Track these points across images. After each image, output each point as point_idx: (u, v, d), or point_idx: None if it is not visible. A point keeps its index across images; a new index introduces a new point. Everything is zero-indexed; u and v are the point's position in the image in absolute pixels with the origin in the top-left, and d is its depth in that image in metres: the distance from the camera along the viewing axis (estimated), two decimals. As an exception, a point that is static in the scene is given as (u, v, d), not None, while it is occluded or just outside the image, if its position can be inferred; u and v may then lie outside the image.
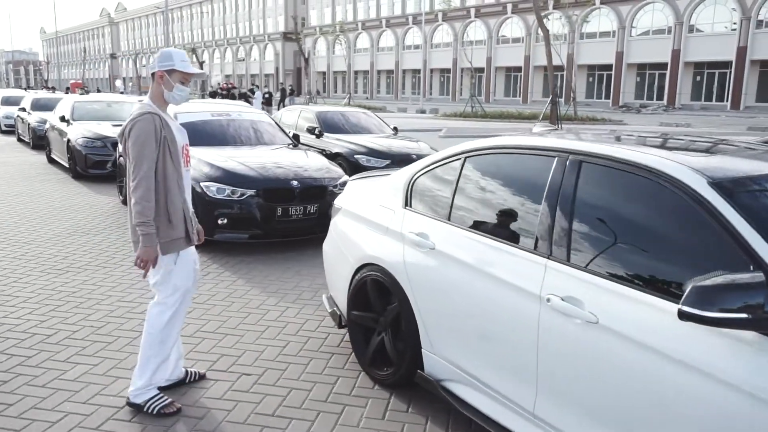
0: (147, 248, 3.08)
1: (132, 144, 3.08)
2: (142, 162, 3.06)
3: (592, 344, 2.37)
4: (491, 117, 29.07)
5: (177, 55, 3.23)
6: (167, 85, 3.21)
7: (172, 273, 3.24)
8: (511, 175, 3.05)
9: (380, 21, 66.73)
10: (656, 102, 46.32)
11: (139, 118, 3.10)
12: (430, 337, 3.26)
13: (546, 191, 2.77)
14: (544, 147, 2.90)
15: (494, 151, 3.17)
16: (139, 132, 3.08)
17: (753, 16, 40.76)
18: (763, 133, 22.66)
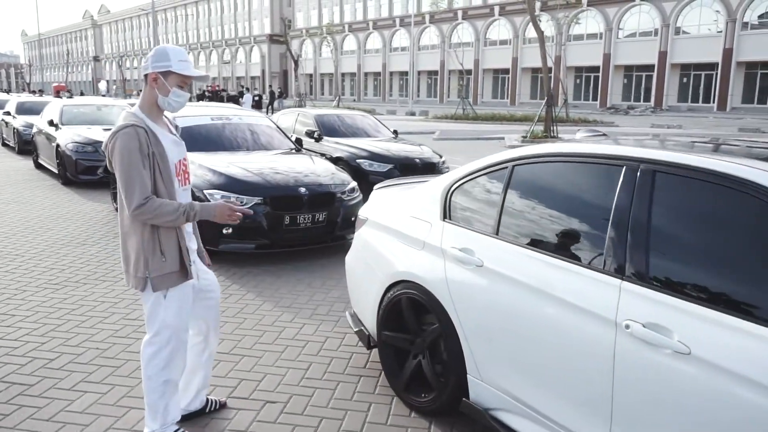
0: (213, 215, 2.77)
1: (116, 165, 2.62)
2: (133, 186, 2.59)
3: (684, 377, 2.11)
4: (483, 119, 28.91)
5: (174, 53, 2.72)
6: (162, 89, 2.71)
7: (160, 308, 2.77)
8: (570, 185, 2.79)
9: (367, 23, 66.49)
10: (643, 103, 46.52)
11: (120, 132, 2.61)
12: (477, 363, 2.98)
13: (614, 204, 2.51)
14: (608, 155, 2.63)
15: (547, 159, 2.91)
16: (121, 150, 2.59)
17: (738, 18, 41.07)
18: (749, 134, 22.70)
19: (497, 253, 2.91)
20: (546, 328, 2.61)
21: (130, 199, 2.60)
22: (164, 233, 2.72)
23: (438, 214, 3.34)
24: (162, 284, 2.73)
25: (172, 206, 2.66)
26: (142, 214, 2.62)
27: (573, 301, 2.51)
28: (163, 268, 2.72)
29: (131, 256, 2.75)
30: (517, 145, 18.60)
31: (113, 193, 9.01)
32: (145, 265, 2.70)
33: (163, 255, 2.71)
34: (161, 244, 2.72)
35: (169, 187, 2.73)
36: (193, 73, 2.78)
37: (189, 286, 2.85)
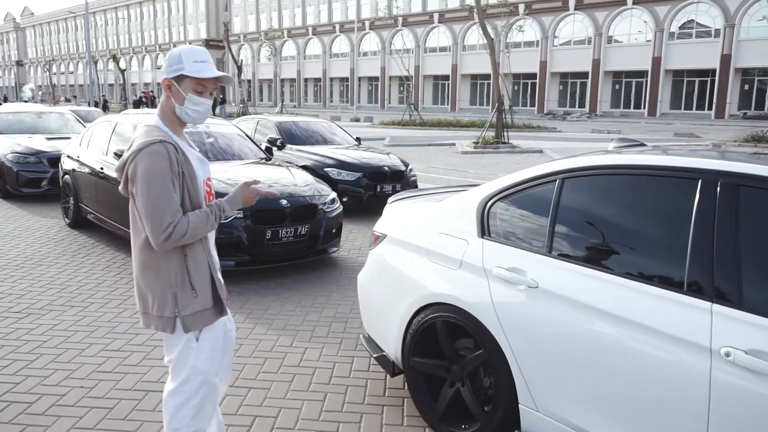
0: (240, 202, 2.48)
1: (141, 189, 2.20)
2: (162, 216, 2.18)
3: (802, 409, 1.95)
4: (429, 125, 28.99)
5: (188, 54, 2.32)
6: (177, 97, 2.32)
7: (191, 352, 2.38)
8: (634, 200, 2.61)
9: (306, 29, 65.94)
10: (579, 109, 47.94)
11: (146, 149, 2.21)
12: (532, 392, 2.76)
13: (694, 220, 2.34)
14: (680, 168, 2.47)
15: (603, 172, 2.72)
16: (148, 171, 2.19)
17: (665, 27, 42.93)
18: (686, 138, 23.62)
19: (555, 273, 2.70)
20: (621, 355, 2.41)
21: (157, 230, 2.20)
22: (194, 264, 2.35)
23: (475, 230, 3.11)
24: (195, 324, 2.35)
25: (200, 216, 2.29)
26: (174, 242, 2.23)
27: (655, 326, 2.32)
28: (195, 304, 2.34)
29: (153, 292, 2.34)
30: (470, 151, 18.67)
31: (65, 207, 8.36)
32: (173, 302, 2.32)
33: (194, 290, 2.34)
34: (191, 277, 2.34)
35: (196, 204, 2.35)
36: (210, 75, 2.33)
37: (222, 324, 2.48)
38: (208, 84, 2.35)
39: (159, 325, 2.36)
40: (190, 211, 2.30)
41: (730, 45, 40.20)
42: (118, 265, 6.36)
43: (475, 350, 3.05)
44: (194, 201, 2.34)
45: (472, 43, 53.54)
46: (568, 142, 21.77)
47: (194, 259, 2.35)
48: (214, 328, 2.43)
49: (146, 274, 2.36)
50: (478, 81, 54.24)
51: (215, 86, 2.41)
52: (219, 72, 2.36)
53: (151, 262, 2.34)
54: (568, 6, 47.40)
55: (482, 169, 14.93)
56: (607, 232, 2.65)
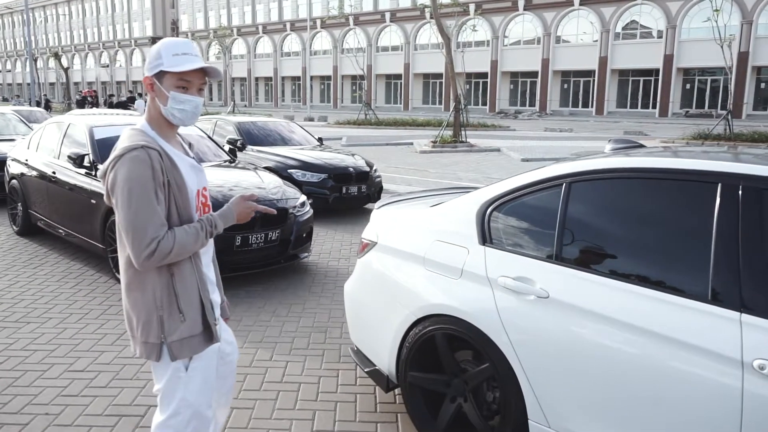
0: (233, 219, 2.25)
1: (119, 200, 1.98)
2: (143, 230, 1.96)
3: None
4: (385, 124, 28.85)
5: (167, 47, 2.06)
6: (160, 97, 2.09)
7: (179, 382, 2.15)
8: (649, 205, 2.50)
9: (257, 27, 64.93)
10: (529, 108, 48.70)
11: (125, 156, 1.98)
12: (543, 407, 2.63)
13: (715, 226, 2.25)
14: (697, 171, 2.38)
15: (614, 175, 2.61)
16: (127, 180, 1.96)
17: (611, 28, 44.01)
18: (635, 136, 24.22)
19: (566, 282, 2.57)
20: (642, 368, 2.30)
21: (138, 247, 1.97)
22: (182, 285, 2.11)
23: (475, 238, 2.96)
24: (182, 351, 2.12)
25: (189, 231, 2.06)
26: (158, 261, 2.00)
27: (679, 338, 2.22)
28: (183, 330, 2.11)
29: (139, 315, 2.12)
30: (429, 150, 18.62)
31: (12, 214, 7.85)
32: (159, 326, 2.09)
33: (182, 313, 2.11)
34: (179, 299, 2.10)
35: (185, 217, 2.12)
36: (190, 66, 2.05)
37: (214, 352, 2.25)
38: (192, 78, 2.09)
39: (144, 352, 2.13)
40: (178, 226, 2.07)
41: (672, 46, 41.51)
42: (74, 275, 5.98)
43: (479, 364, 2.91)
44: (183, 214, 2.10)
45: (424, 43, 53.76)
46: (524, 141, 22.01)
47: (182, 279, 2.12)
48: (205, 356, 2.20)
49: (131, 295, 2.13)
50: (431, 80, 54.49)
51: (203, 81, 2.15)
52: (202, 62, 2.08)
53: (135, 282, 2.11)
54: (517, 6, 48.08)
55: (442, 169, 14.88)
56: (621, 239, 2.54)
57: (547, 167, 2.89)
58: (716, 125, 21.82)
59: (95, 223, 5.95)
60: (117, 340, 4.41)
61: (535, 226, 2.82)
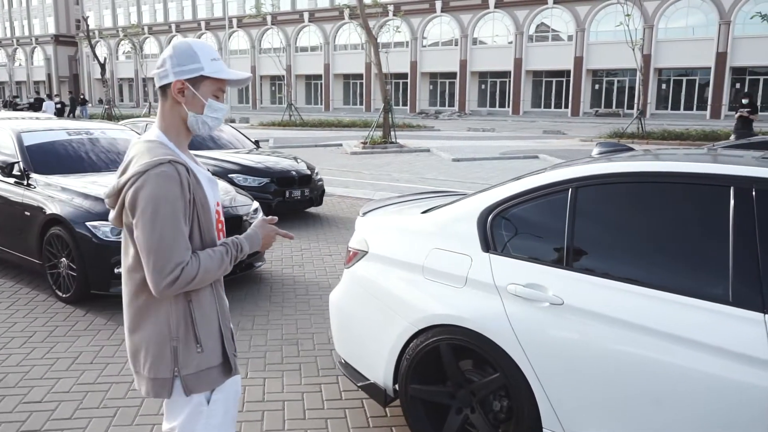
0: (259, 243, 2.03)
1: (144, 220, 1.76)
2: (170, 254, 1.76)
3: None
4: (311, 125, 28.52)
5: (203, 50, 1.89)
6: (193, 104, 1.88)
7: (200, 418, 1.94)
8: (660, 209, 2.53)
9: (169, 25, 62.63)
10: (449, 108, 49.58)
11: (152, 171, 1.77)
12: (560, 417, 2.61)
13: (732, 229, 2.30)
14: (708, 174, 2.42)
15: (622, 180, 2.62)
16: (155, 199, 1.76)
17: (525, 31, 45.53)
18: (554, 135, 25.15)
19: (581, 288, 2.56)
20: (664, 372, 2.31)
21: (161, 272, 1.76)
22: (200, 312, 1.91)
23: (477, 244, 2.90)
24: (199, 385, 1.92)
25: (214, 256, 1.86)
26: (180, 288, 1.79)
27: (704, 341, 2.24)
28: (201, 361, 1.91)
29: (148, 347, 1.90)
30: (359, 152, 18.55)
31: None
32: (173, 358, 1.88)
33: (200, 343, 1.90)
34: (197, 328, 1.90)
35: (208, 241, 1.92)
36: (235, 76, 1.94)
37: (236, 383, 2.06)
38: (225, 87, 1.97)
39: (152, 390, 1.92)
40: (200, 249, 1.87)
41: (581, 48, 43.40)
42: (7, 294, 5.48)
43: (484, 373, 2.86)
44: (206, 235, 1.90)
45: (344, 43, 53.66)
46: (451, 141, 22.35)
47: (200, 306, 1.91)
48: (227, 387, 2.01)
49: (142, 325, 1.91)
50: (351, 81, 54.45)
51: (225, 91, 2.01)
52: (240, 73, 1.97)
53: (147, 311, 1.90)
54: (434, 8, 48.83)
55: (376, 170, 14.84)
56: (634, 244, 2.55)
57: (549, 172, 2.87)
58: (630, 124, 22.95)
59: (31, 238, 5.49)
60: (72, 364, 4.06)
61: (542, 231, 2.79)
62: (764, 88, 38.92)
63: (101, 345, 4.39)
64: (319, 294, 5.65)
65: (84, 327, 4.73)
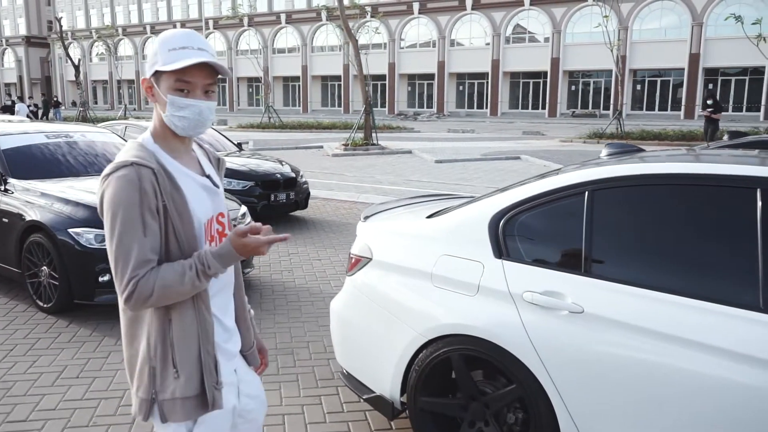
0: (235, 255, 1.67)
1: (106, 226, 1.65)
2: (125, 262, 1.61)
3: None
4: (290, 127, 28.27)
5: (164, 42, 1.70)
6: (159, 102, 1.72)
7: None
8: (683, 212, 2.44)
9: (144, 27, 61.76)
10: (427, 110, 49.62)
11: (113, 175, 1.64)
12: (579, 426, 2.50)
13: (761, 232, 2.22)
14: (731, 176, 2.35)
15: (642, 182, 2.53)
16: (113, 203, 1.62)
17: (502, 32, 45.76)
18: (534, 136, 25.26)
19: (602, 295, 2.46)
20: (694, 384, 2.22)
21: (119, 285, 1.63)
22: (180, 333, 1.72)
23: (489, 251, 2.79)
24: (173, 414, 1.73)
25: (174, 270, 1.64)
26: (138, 304, 1.63)
27: (734, 349, 2.16)
28: (176, 389, 1.72)
29: (133, 364, 1.78)
30: (341, 154, 18.40)
31: None
32: (150, 380, 1.72)
33: (176, 368, 1.72)
34: (174, 351, 1.72)
35: (186, 248, 1.72)
36: (183, 64, 1.65)
37: (226, 413, 1.84)
38: (194, 78, 1.70)
39: (135, 407, 1.77)
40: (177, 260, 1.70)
41: (558, 49, 43.74)
42: (-16, 305, 5.25)
43: (501, 385, 2.75)
44: (187, 247, 1.71)
45: (321, 44, 53.44)
46: (432, 142, 22.29)
47: (181, 327, 1.72)
48: (210, 419, 1.78)
49: (126, 340, 1.79)
50: (329, 82, 54.24)
51: (211, 81, 1.74)
52: (205, 56, 1.68)
53: (130, 325, 1.77)
54: (412, 10, 48.84)
55: (359, 172, 14.71)
56: (658, 249, 2.46)
57: (562, 175, 2.78)
58: (609, 124, 23.13)
59: (9, 245, 5.27)
60: (57, 379, 3.87)
61: (558, 236, 2.70)
62: (736, 88, 39.60)
63: (87, 358, 4.19)
64: (311, 300, 5.50)
65: (67, 339, 4.52)
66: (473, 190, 11.52)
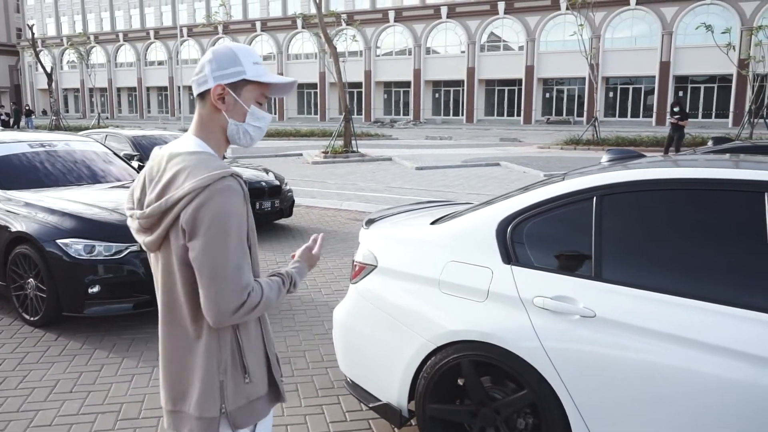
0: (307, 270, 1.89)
1: (207, 240, 1.56)
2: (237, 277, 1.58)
3: None
4: (268, 135, 28.04)
5: (245, 53, 1.73)
6: (234, 111, 1.71)
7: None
8: (691, 217, 2.48)
9: (117, 35, 61.06)
10: (404, 117, 49.81)
11: (216, 185, 1.57)
12: (593, 430, 2.52)
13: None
14: (738, 180, 2.39)
15: (650, 188, 2.57)
16: (224, 216, 1.57)
17: (477, 40, 46.18)
18: (511, 143, 25.49)
19: (613, 300, 2.48)
20: (706, 386, 2.25)
21: (228, 297, 1.57)
22: (247, 339, 1.73)
23: (498, 256, 2.80)
24: (247, 419, 1.74)
25: (273, 286, 1.70)
26: (245, 314, 1.61)
27: (749, 351, 2.19)
28: (250, 392, 1.73)
29: (193, 383, 1.70)
30: (321, 161, 18.35)
31: None
32: (220, 395, 1.69)
33: (248, 373, 1.73)
34: (244, 357, 1.72)
35: (255, 266, 1.75)
36: (280, 80, 1.76)
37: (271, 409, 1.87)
38: (270, 93, 1.80)
39: (198, 429, 1.70)
40: (251, 272, 1.69)
41: (532, 57, 44.28)
42: (-33, 319, 5.10)
43: (511, 390, 2.76)
44: (254, 251, 1.74)
45: (297, 52, 53.37)
46: (412, 149, 22.36)
47: (247, 333, 1.74)
48: (269, 419, 1.85)
49: (189, 359, 1.70)
50: (305, 90, 54.12)
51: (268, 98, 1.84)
52: (283, 77, 1.79)
53: (196, 343, 1.69)
54: (388, 18, 49.05)
55: (340, 179, 14.70)
56: (667, 253, 2.48)
57: (568, 180, 2.80)
58: (585, 131, 23.45)
59: (-6, 257, 5.13)
60: (50, 394, 3.77)
61: (566, 242, 2.72)
62: (705, 96, 40.46)
63: (80, 371, 4.10)
64: (303, 309, 5.46)
65: (58, 352, 4.42)
66: (455, 196, 11.58)
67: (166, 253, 1.66)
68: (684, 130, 17.73)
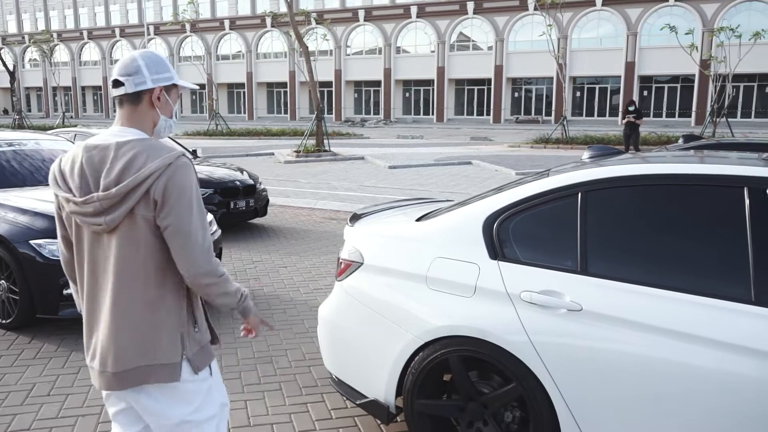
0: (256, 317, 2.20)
1: (183, 206, 1.87)
2: (205, 236, 1.93)
3: None
4: (238, 134, 27.86)
5: (168, 61, 2.11)
6: (165, 109, 2.03)
7: (213, 390, 2.12)
8: (674, 212, 2.54)
9: (81, 32, 59.78)
10: (374, 116, 49.84)
11: (176, 162, 1.88)
12: (580, 423, 2.56)
13: (750, 229, 2.33)
14: (720, 176, 2.46)
15: (633, 183, 2.62)
16: (189, 186, 1.90)
17: (446, 40, 46.44)
18: (482, 141, 25.71)
19: (599, 293, 2.53)
20: (691, 377, 2.31)
21: (202, 253, 1.91)
22: (195, 297, 2.09)
23: (485, 252, 2.83)
24: (203, 360, 2.07)
25: (230, 281, 2.05)
26: (214, 272, 1.95)
27: (729, 341, 2.26)
28: (201, 339, 2.09)
29: (160, 339, 1.97)
30: (293, 160, 18.25)
31: None
32: (181, 344, 2.01)
33: (197, 324, 2.08)
34: (195, 312, 2.08)
35: None
36: (189, 84, 2.14)
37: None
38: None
39: (165, 375, 1.97)
40: None
41: (501, 57, 44.71)
42: (-65, 323, 4.95)
43: (498, 384, 2.79)
44: None
45: (266, 51, 52.96)
46: (384, 148, 22.39)
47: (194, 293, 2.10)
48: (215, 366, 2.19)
49: (155, 318, 1.96)
50: (275, 89, 53.78)
51: None
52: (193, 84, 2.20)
53: (162, 304, 1.97)
54: (358, 17, 49.00)
55: (314, 178, 14.65)
56: (650, 247, 2.54)
57: (553, 177, 2.84)
58: (554, 130, 23.77)
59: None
60: (27, 398, 3.68)
61: (552, 237, 2.75)
62: (668, 95, 41.38)
63: (56, 374, 4.02)
64: (282, 308, 5.43)
65: (32, 355, 4.32)
66: (429, 194, 11.64)
67: (126, 230, 1.89)
68: (639, 129, 18.13)
